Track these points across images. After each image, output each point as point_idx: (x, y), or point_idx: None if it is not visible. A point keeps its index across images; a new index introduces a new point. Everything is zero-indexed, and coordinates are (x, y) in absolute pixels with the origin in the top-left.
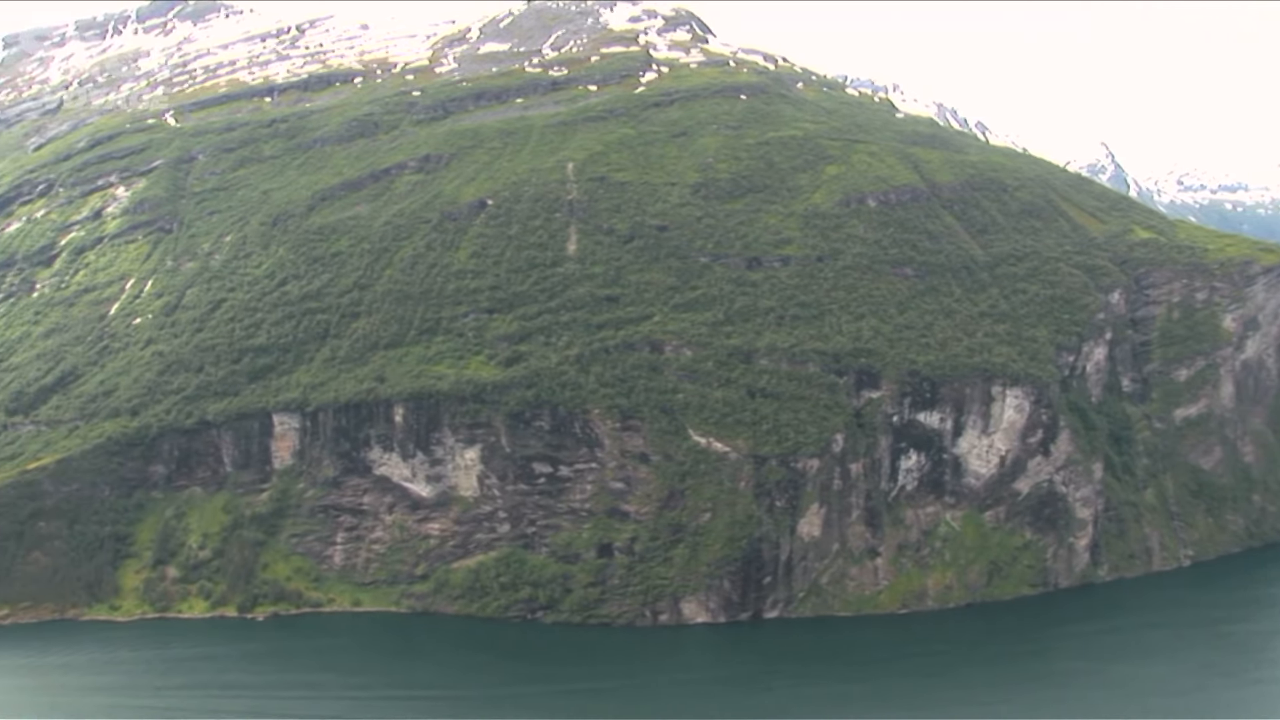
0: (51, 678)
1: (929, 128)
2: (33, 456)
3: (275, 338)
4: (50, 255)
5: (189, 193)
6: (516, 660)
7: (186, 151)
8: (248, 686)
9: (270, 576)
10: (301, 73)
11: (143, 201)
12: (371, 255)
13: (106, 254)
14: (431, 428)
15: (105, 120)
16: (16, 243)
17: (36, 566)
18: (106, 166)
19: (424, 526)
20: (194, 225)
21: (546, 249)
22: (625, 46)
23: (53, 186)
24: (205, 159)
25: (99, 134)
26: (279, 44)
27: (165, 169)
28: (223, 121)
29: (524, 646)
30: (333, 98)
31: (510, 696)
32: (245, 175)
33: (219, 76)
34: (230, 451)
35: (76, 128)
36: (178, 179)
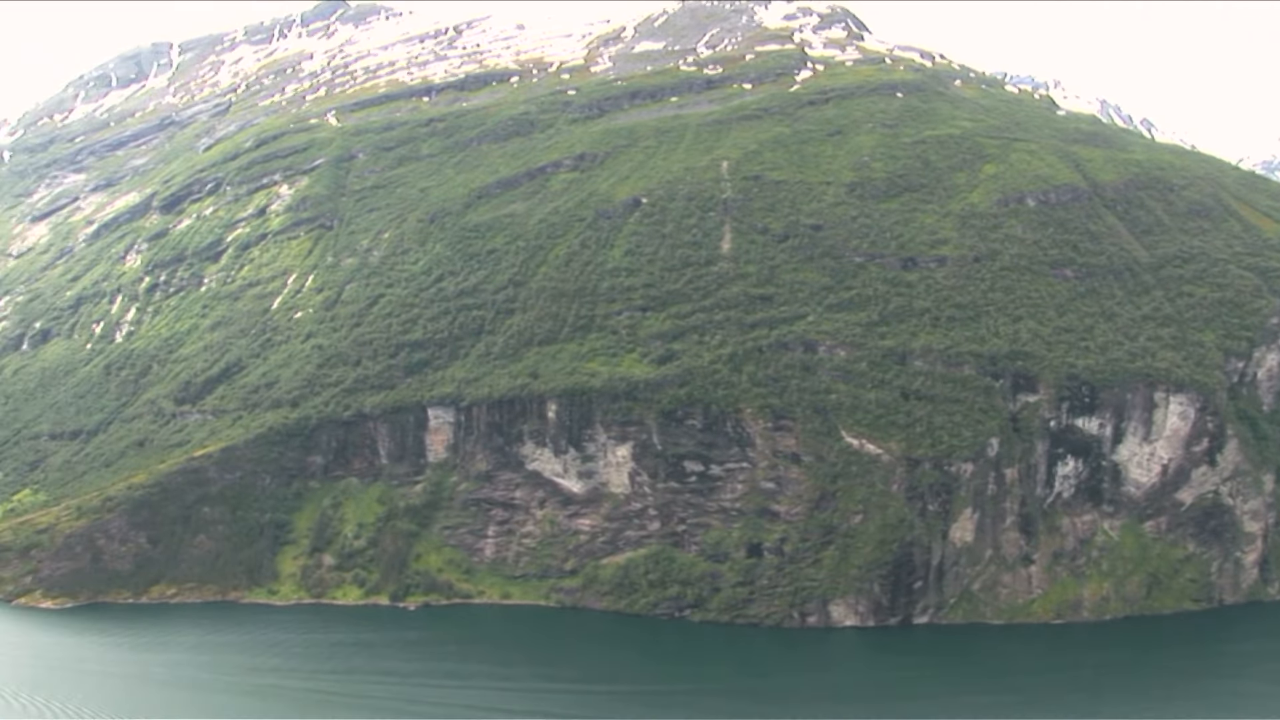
0: (215, 655)
1: (1091, 125)
2: (199, 444)
3: (431, 333)
4: (218, 251)
5: (349, 190)
6: (663, 657)
7: (347, 150)
8: (399, 674)
9: (422, 567)
10: (459, 73)
11: (305, 199)
12: (526, 252)
13: (270, 250)
14: (584, 424)
15: (270, 121)
16: (186, 239)
17: (201, 549)
18: (271, 165)
19: (574, 522)
20: (354, 222)
21: (701, 247)
22: (780, 44)
23: (220, 185)
24: (365, 158)
25: (264, 134)
26: (437, 45)
27: (327, 167)
28: (382, 121)
29: (671, 644)
30: (489, 97)
31: (657, 693)
32: (404, 173)
33: (379, 77)
34: (386, 444)
35: (243, 128)
36: (338, 177)
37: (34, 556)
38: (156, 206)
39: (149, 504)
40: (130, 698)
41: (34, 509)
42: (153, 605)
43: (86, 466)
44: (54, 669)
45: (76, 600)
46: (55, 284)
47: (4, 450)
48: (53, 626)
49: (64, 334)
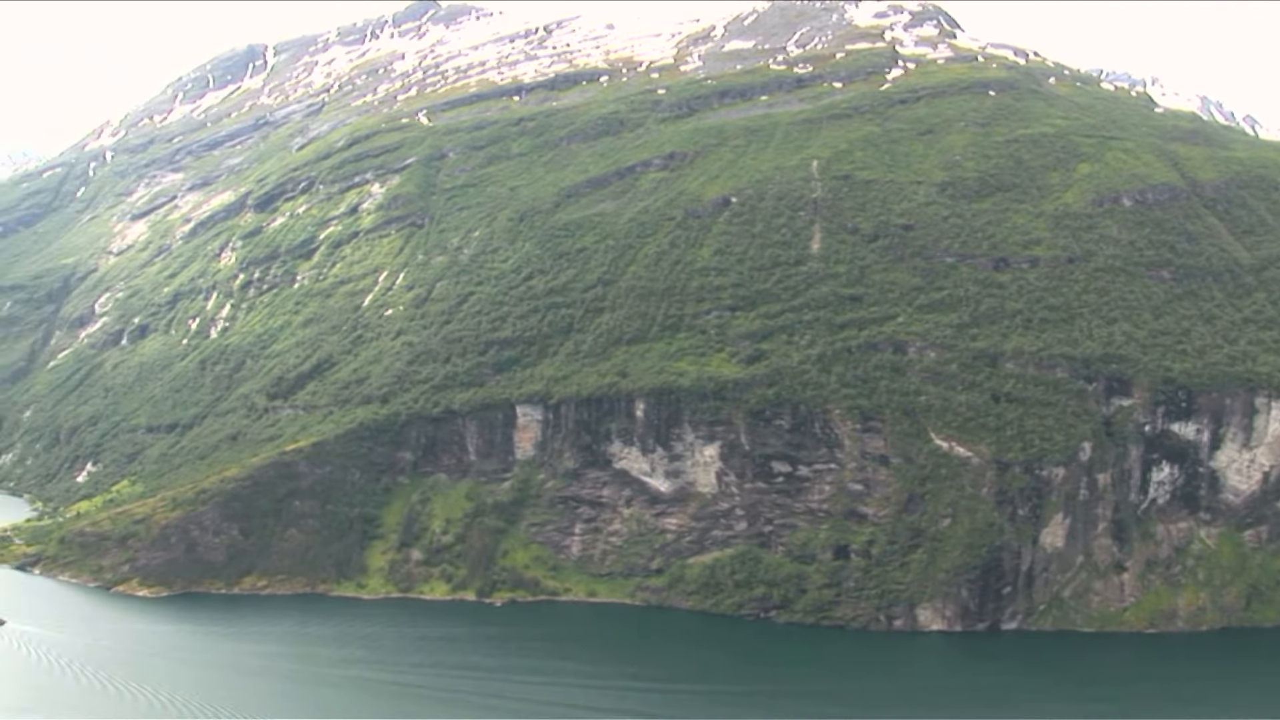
0: (306, 647)
1: (1191, 123)
2: (290, 439)
3: (520, 331)
4: (310, 249)
5: (439, 189)
6: (747, 658)
7: (438, 149)
8: (485, 669)
9: (509, 564)
10: (549, 72)
11: (396, 198)
12: (616, 251)
13: (362, 248)
14: (672, 423)
15: (362, 120)
16: (280, 236)
17: (292, 542)
18: (363, 164)
19: (661, 521)
20: (444, 221)
21: (790, 247)
22: (871, 43)
23: (313, 184)
24: (455, 156)
25: (356, 133)
26: (527, 44)
27: (418, 166)
28: (472, 120)
29: (756, 645)
30: (579, 96)
31: (739, 694)
32: (493, 172)
33: (469, 77)
34: (474, 440)
35: (336, 128)
36: (429, 176)
37: (131, 546)
38: (251, 205)
39: (241, 497)
40: (224, 687)
41: (131, 499)
42: (244, 596)
43: (182, 459)
44: (151, 656)
45: (171, 589)
46: (153, 281)
47: (104, 442)
48: (149, 614)
49: (161, 330)
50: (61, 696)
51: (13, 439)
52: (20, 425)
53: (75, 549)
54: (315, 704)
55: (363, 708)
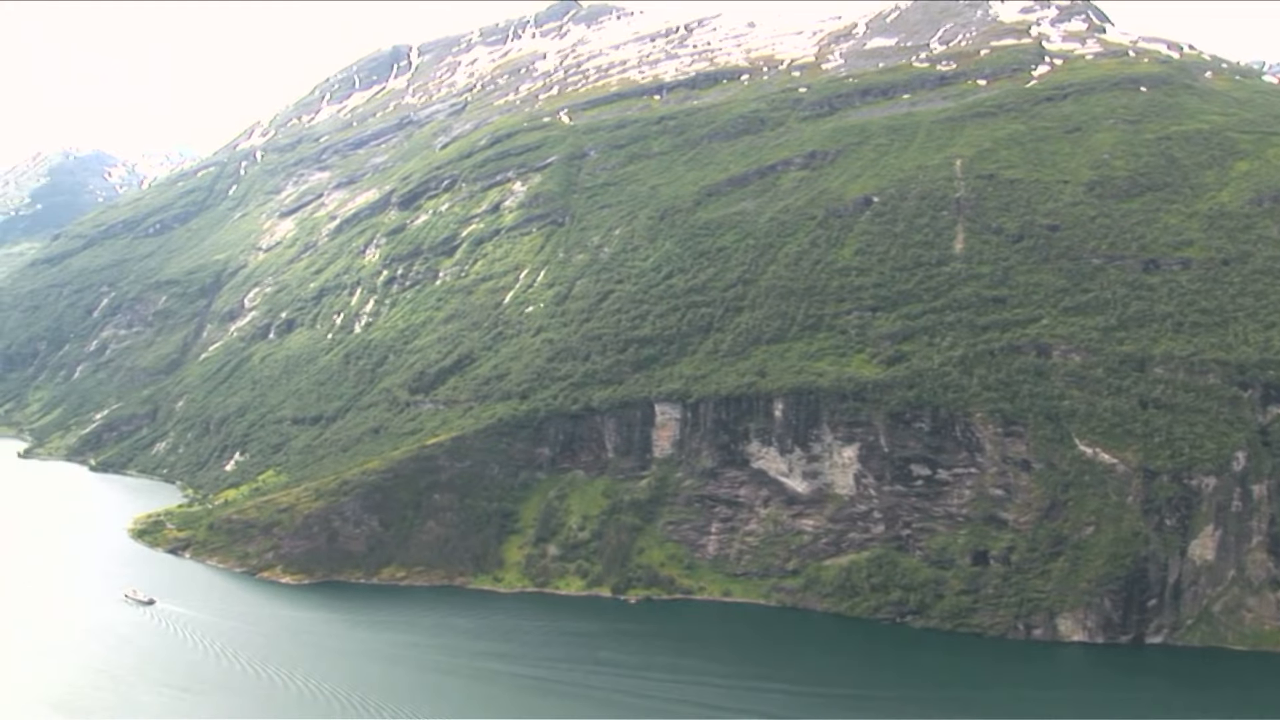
0: (443, 639)
1: None
2: (431, 433)
3: (660, 329)
4: (452, 246)
5: (580, 188)
6: (883, 663)
7: (579, 148)
8: (618, 665)
9: (645, 561)
10: (689, 71)
11: (537, 196)
12: (756, 250)
13: (503, 245)
14: (810, 424)
15: (504, 119)
16: (423, 234)
17: (431, 535)
18: (505, 163)
19: (798, 522)
20: (585, 219)
21: (932, 247)
22: (1016, 39)
23: (456, 182)
24: (596, 155)
25: (499, 132)
26: (668, 43)
27: (559, 165)
28: (613, 119)
29: (891, 649)
30: (720, 95)
31: (875, 698)
32: (634, 171)
33: (610, 76)
34: (612, 438)
35: (478, 127)
36: (570, 174)
37: (275, 534)
38: (395, 203)
39: (382, 489)
40: (363, 676)
41: (276, 489)
42: (383, 587)
43: (325, 450)
44: (294, 642)
45: (313, 577)
46: (300, 276)
47: (251, 432)
48: (292, 601)
49: (307, 324)
50: (211, 677)
51: (166, 428)
52: (173, 415)
53: (223, 535)
54: (452, 696)
55: (498, 701)
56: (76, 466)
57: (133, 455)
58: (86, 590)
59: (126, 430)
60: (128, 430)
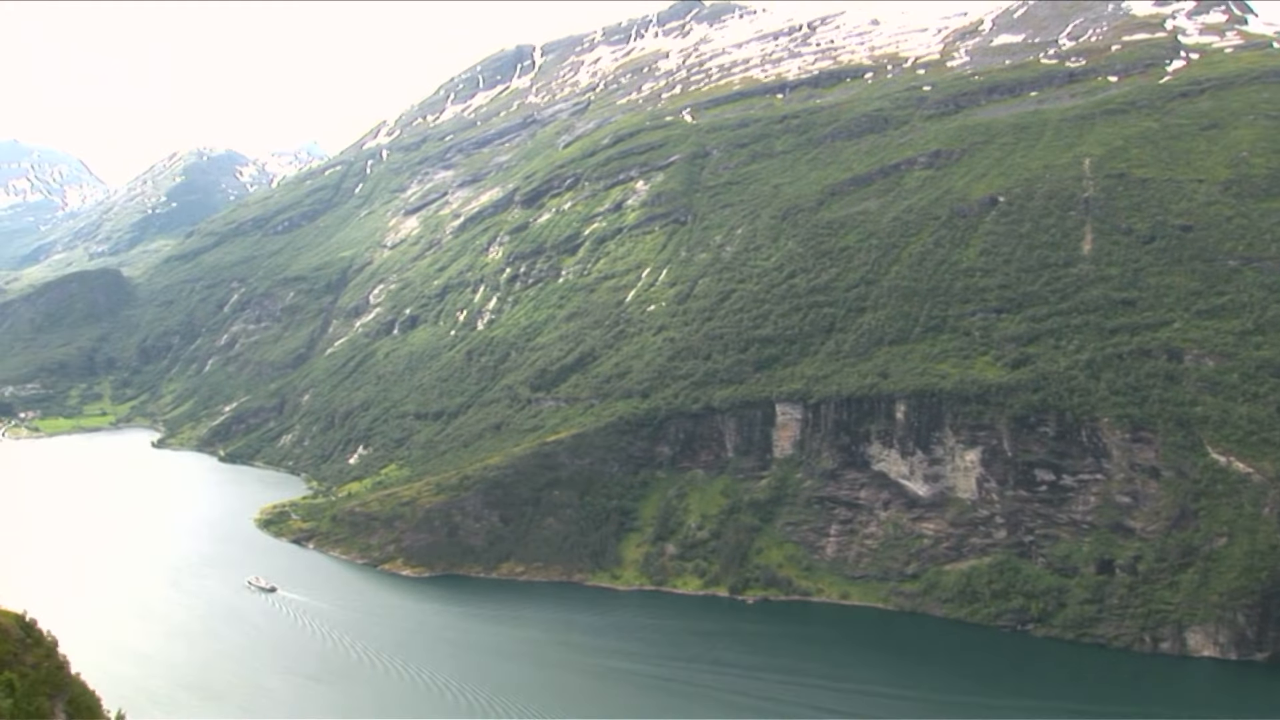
0: (561, 635)
1: None
2: (551, 430)
3: (781, 329)
4: (575, 244)
5: (703, 186)
6: (1002, 671)
7: (701, 147)
8: (734, 665)
9: (763, 562)
10: (812, 69)
11: (660, 194)
12: (879, 250)
13: (625, 244)
14: (932, 426)
15: (627, 118)
16: (546, 232)
17: (550, 531)
18: (627, 162)
19: (918, 525)
20: (707, 218)
21: (1059, 248)
22: (1150, 33)
23: (579, 180)
24: (719, 154)
25: (621, 131)
26: (790, 42)
27: (681, 164)
28: (736, 118)
29: (1011, 658)
30: (843, 93)
31: (995, 707)
32: (756, 170)
33: (733, 75)
34: (733, 437)
35: (601, 126)
36: (693, 173)
37: (397, 527)
38: (518, 201)
39: (503, 485)
40: (482, 669)
41: (399, 483)
42: (502, 581)
43: (447, 445)
44: (415, 634)
45: (433, 570)
46: (424, 273)
47: (375, 427)
48: (412, 593)
49: (430, 320)
50: (336, 665)
51: (292, 421)
52: (299, 408)
53: (346, 527)
54: (571, 694)
55: (616, 700)
56: (206, 457)
57: (260, 447)
58: (214, 577)
59: (254, 423)
60: (255, 423)
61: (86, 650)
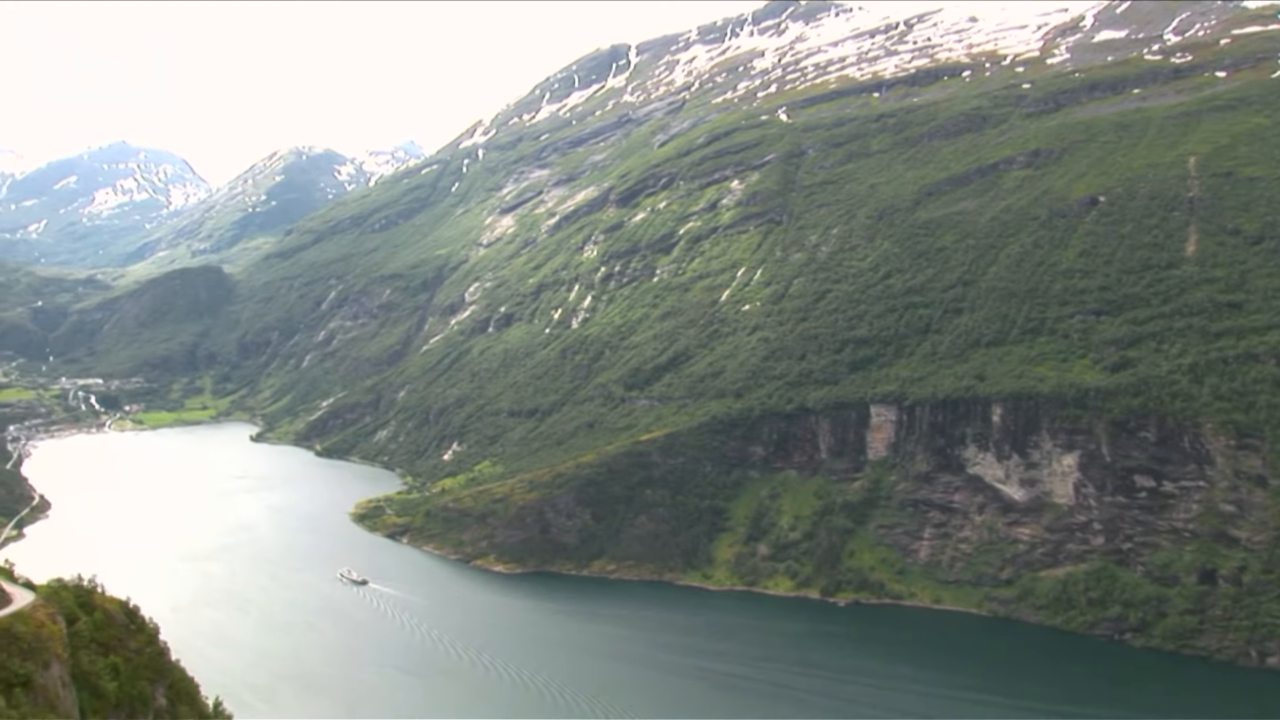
0: (652, 634)
1: None
2: (645, 429)
3: (877, 330)
4: (670, 243)
5: (798, 186)
6: (1098, 682)
7: (797, 146)
8: (824, 667)
9: (855, 564)
10: (909, 68)
11: (755, 194)
12: (976, 251)
13: (720, 243)
14: (1029, 430)
15: (722, 118)
16: (640, 231)
17: (642, 530)
18: (722, 161)
19: (1014, 530)
20: (802, 218)
21: (1162, 249)
22: (1262, 25)
23: (674, 180)
24: (814, 153)
25: (716, 130)
26: (887, 40)
27: (776, 163)
28: (831, 117)
29: (1108, 668)
30: (940, 92)
31: (1089, 717)
32: (852, 169)
33: (828, 73)
34: (826, 439)
35: (696, 125)
36: (788, 173)
37: (490, 523)
38: (613, 200)
39: (595, 483)
40: (573, 667)
41: (492, 479)
42: (593, 579)
43: (540, 443)
44: (506, 630)
45: (524, 567)
46: (519, 272)
47: (469, 424)
48: (504, 589)
49: (525, 319)
50: (430, 660)
51: (387, 417)
52: (395, 404)
53: (439, 522)
54: (662, 693)
55: (706, 700)
56: (303, 451)
57: (355, 442)
58: (310, 569)
59: (350, 418)
60: (351, 418)
61: (186, 638)
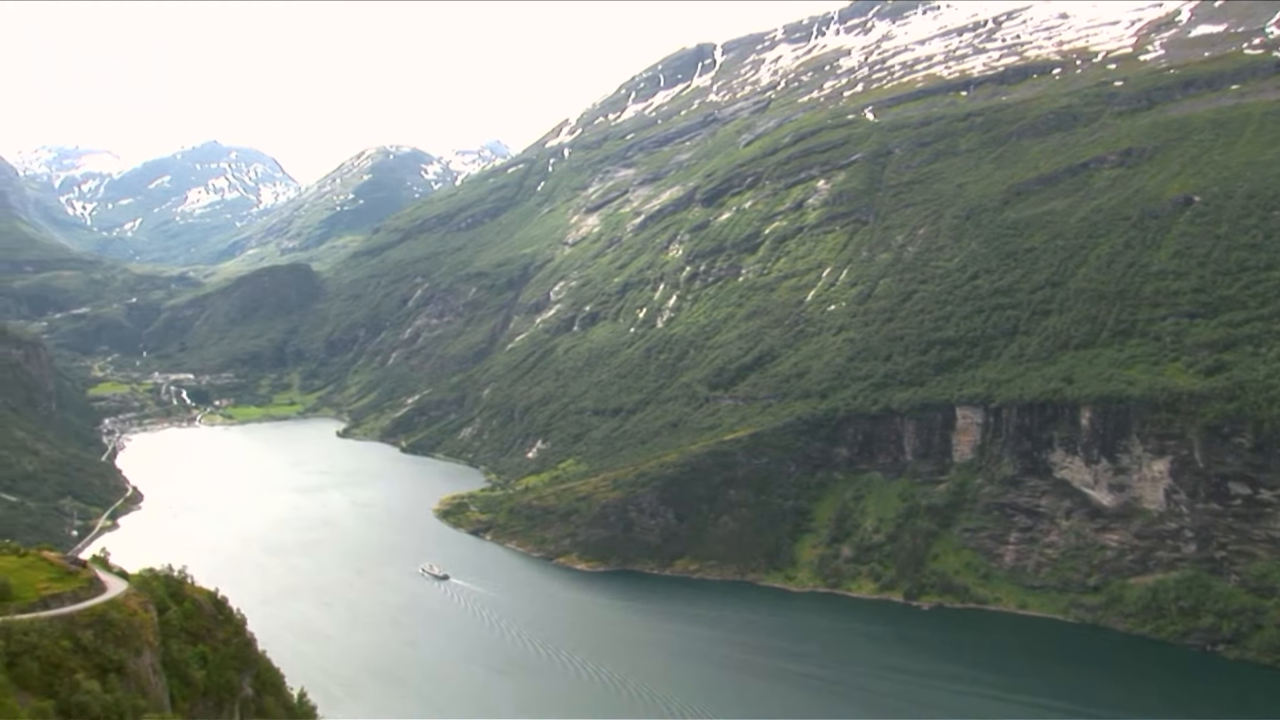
0: (734, 634)
1: None
2: (728, 429)
3: (963, 331)
4: (755, 243)
5: (884, 186)
6: (1189, 695)
7: (883, 146)
8: (905, 671)
9: (939, 568)
10: (998, 65)
11: (841, 194)
12: (1065, 252)
13: (805, 243)
14: (1119, 434)
15: (808, 117)
16: (726, 231)
17: (725, 530)
18: (808, 160)
19: (1101, 536)
20: (888, 218)
21: (1260, 250)
22: None
23: (759, 179)
24: (901, 153)
25: (802, 130)
26: (975, 38)
27: (863, 163)
28: (918, 116)
29: (1200, 681)
30: (1029, 90)
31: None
32: (939, 169)
33: (915, 72)
34: (911, 440)
35: (782, 124)
36: (874, 172)
37: (573, 521)
38: (699, 199)
39: (679, 482)
40: (657, 667)
41: (576, 478)
42: (675, 578)
43: (624, 442)
44: (589, 629)
45: (607, 565)
46: (604, 271)
47: (553, 422)
48: (586, 587)
49: (610, 318)
50: (513, 657)
51: (472, 414)
52: (479, 402)
53: (522, 520)
54: (744, 694)
55: (787, 701)
56: (388, 448)
57: (440, 439)
58: (394, 565)
59: (435, 415)
60: (436, 415)
61: (273, 630)
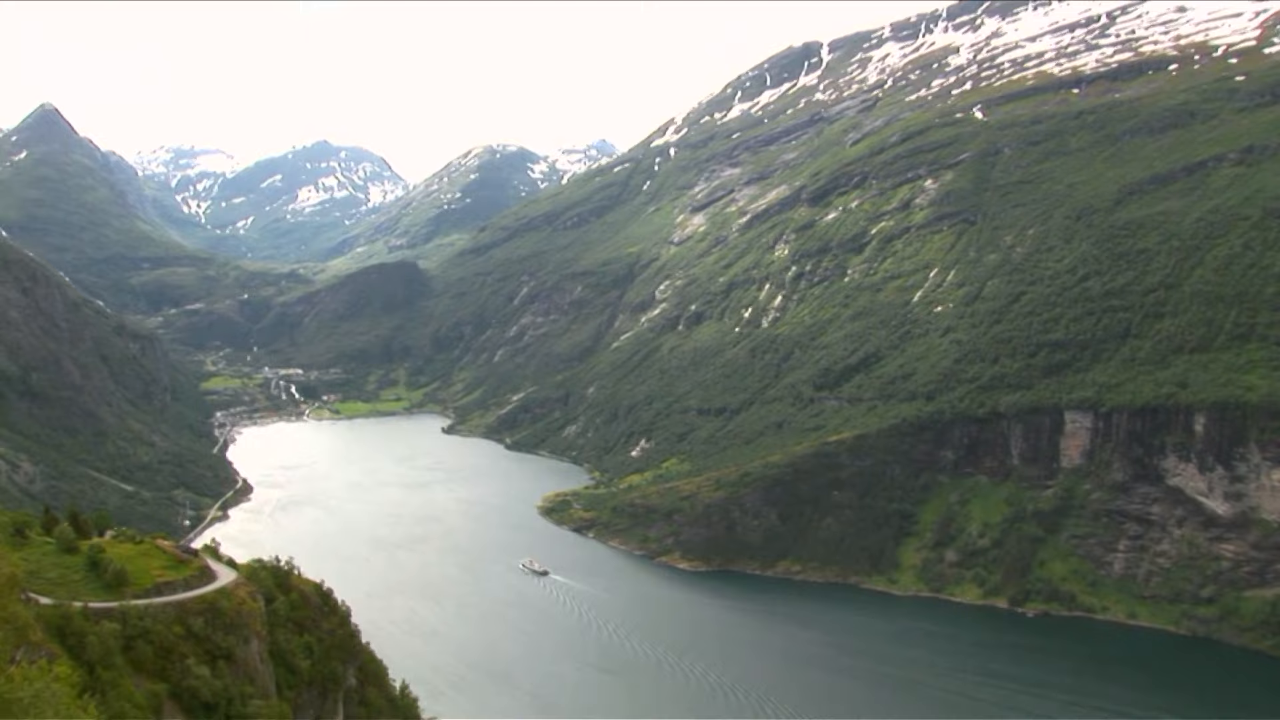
0: (838, 637)
1: None
2: (833, 430)
3: (1073, 334)
4: (861, 243)
5: (993, 185)
6: None
7: (992, 144)
8: (1008, 679)
9: (1045, 574)
10: (1111, 62)
11: (949, 193)
12: (1181, 253)
13: (912, 243)
14: (1235, 441)
15: (915, 116)
16: (832, 230)
17: (828, 532)
18: (916, 159)
19: (1216, 546)
20: (997, 218)
21: None
22: None
23: (866, 179)
24: (1010, 152)
25: (909, 128)
26: (1087, 34)
27: (971, 162)
28: (1028, 114)
29: None
30: (1143, 87)
31: None
32: (1050, 168)
33: (1025, 70)
34: (1018, 444)
35: (889, 123)
36: (982, 171)
37: (676, 520)
38: (805, 199)
39: (783, 483)
40: (761, 670)
41: (679, 477)
42: (777, 579)
43: (728, 442)
44: (690, 628)
45: (709, 565)
46: (709, 270)
47: (657, 421)
48: (687, 586)
49: (715, 317)
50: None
51: (576, 412)
52: (584, 400)
53: (625, 518)
54: (846, 699)
55: (883, 705)
56: (493, 444)
57: (544, 437)
58: (498, 561)
59: (540, 413)
60: (541, 413)
61: (377, 622)
